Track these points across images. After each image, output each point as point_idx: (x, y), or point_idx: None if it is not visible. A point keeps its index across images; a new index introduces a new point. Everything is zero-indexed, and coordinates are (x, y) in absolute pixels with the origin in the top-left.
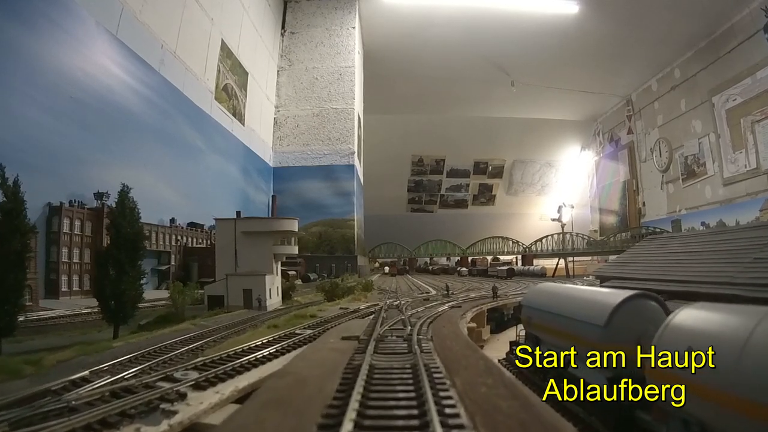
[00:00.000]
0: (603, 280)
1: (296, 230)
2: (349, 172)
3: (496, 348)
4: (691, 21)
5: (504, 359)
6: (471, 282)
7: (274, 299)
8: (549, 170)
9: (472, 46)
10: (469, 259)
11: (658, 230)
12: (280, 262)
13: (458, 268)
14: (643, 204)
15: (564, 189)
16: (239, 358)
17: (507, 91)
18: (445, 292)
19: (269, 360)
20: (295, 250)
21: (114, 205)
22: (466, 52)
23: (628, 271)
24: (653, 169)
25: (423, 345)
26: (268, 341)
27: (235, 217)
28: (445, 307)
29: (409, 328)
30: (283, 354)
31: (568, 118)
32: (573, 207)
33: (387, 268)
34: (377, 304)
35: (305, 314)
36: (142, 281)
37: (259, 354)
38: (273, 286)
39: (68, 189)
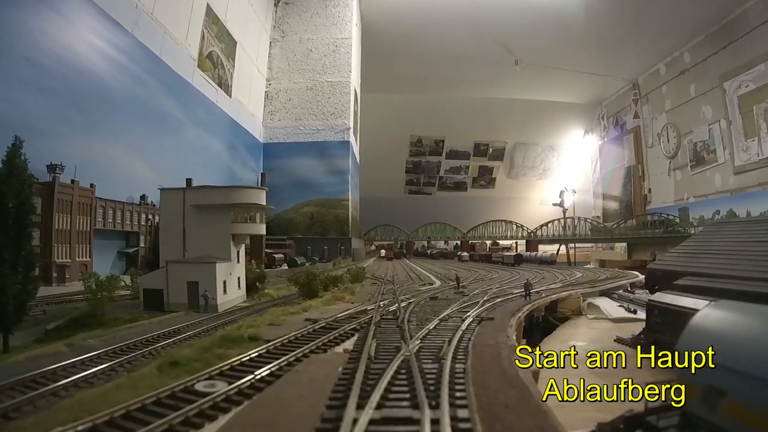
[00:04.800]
0: (668, 277)
1: (264, 203)
2: (344, 149)
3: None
4: (702, 4)
5: None
6: (476, 269)
7: (232, 294)
8: (551, 154)
9: (475, 23)
10: (470, 242)
11: (671, 217)
12: (243, 246)
13: (459, 253)
14: (649, 191)
15: (566, 173)
16: None
17: (510, 71)
18: (455, 284)
19: None
20: (262, 229)
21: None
22: (469, 29)
23: (707, 264)
24: (660, 155)
25: None
26: (123, 413)
27: (184, 186)
28: (469, 318)
29: (428, 416)
30: None
31: (572, 100)
32: (575, 192)
33: (383, 252)
34: (365, 310)
35: (242, 335)
36: (32, 272)
37: None
38: (230, 277)
39: None
